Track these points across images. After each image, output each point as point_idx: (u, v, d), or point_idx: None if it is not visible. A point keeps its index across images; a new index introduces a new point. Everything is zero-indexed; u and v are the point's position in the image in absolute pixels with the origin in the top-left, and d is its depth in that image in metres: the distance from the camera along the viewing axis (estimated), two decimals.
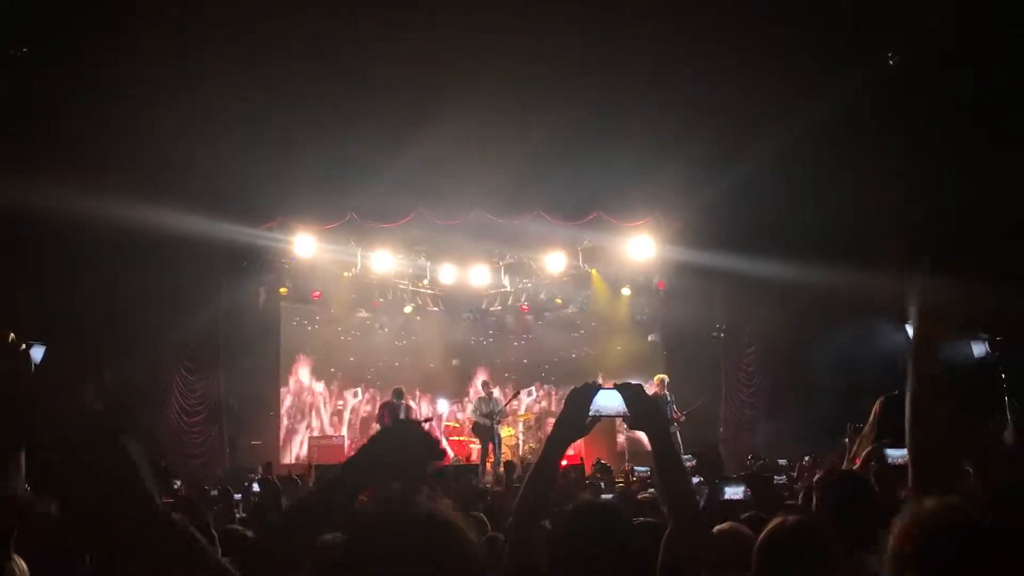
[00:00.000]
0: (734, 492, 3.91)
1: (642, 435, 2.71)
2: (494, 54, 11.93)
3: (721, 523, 3.41)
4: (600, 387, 2.61)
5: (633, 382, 2.68)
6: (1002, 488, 2.79)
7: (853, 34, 11.78)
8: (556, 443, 2.62)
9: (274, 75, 12.13)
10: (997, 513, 1.59)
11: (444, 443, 16.49)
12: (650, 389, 13.82)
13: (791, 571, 2.45)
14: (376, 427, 13.81)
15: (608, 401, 2.59)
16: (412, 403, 16.84)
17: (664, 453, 2.58)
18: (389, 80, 12.75)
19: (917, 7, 11.36)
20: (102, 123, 11.53)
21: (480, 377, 18.15)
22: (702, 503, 3.67)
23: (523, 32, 11.92)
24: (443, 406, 18.19)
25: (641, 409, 2.59)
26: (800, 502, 4.75)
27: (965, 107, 11.19)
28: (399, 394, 14.58)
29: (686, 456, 11.23)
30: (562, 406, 2.66)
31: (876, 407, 4.80)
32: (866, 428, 4.72)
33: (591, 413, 2.58)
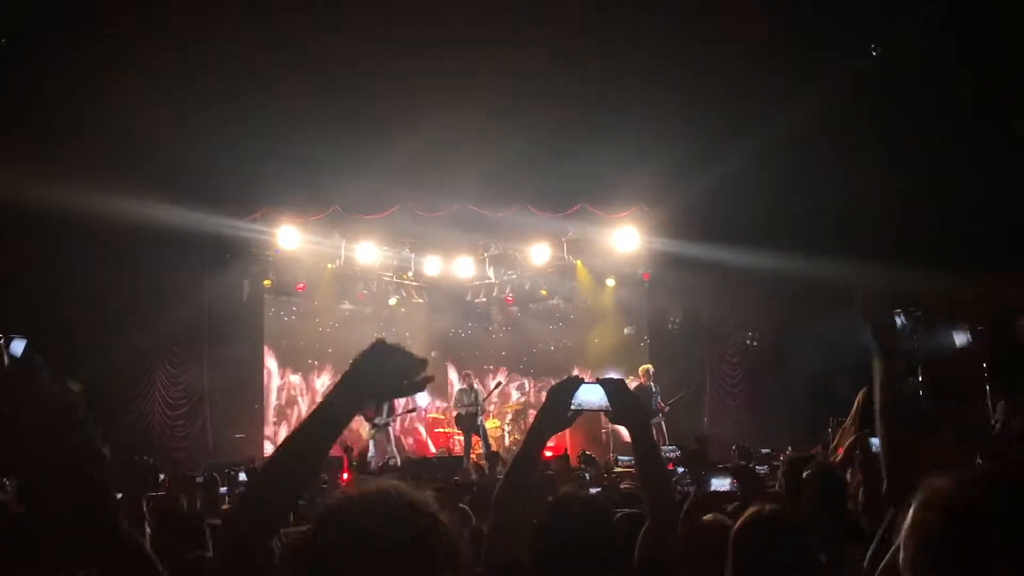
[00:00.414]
0: (721, 484, 3.90)
1: (623, 429, 2.71)
2: (480, 47, 11.89)
3: (706, 515, 3.43)
4: (583, 381, 2.60)
5: (615, 376, 2.67)
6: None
7: (843, 28, 11.80)
8: (537, 436, 2.62)
9: (258, 68, 12.05)
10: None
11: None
12: (636, 380, 13.83)
13: (767, 559, 2.46)
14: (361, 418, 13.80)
15: (590, 395, 2.58)
16: None
17: (645, 450, 2.59)
18: (374, 72, 12.69)
19: (912, 2, 11.39)
20: (86, 116, 11.44)
21: (449, 369, 18.10)
22: (692, 493, 3.69)
23: (509, 25, 11.89)
24: (423, 399, 18.11)
25: (623, 404, 2.59)
26: (777, 489, 4.78)
27: (955, 102, 11.25)
28: None
29: (671, 447, 11.29)
30: (543, 398, 2.66)
31: (859, 398, 4.85)
32: (848, 420, 4.77)
33: (573, 407, 2.58)
